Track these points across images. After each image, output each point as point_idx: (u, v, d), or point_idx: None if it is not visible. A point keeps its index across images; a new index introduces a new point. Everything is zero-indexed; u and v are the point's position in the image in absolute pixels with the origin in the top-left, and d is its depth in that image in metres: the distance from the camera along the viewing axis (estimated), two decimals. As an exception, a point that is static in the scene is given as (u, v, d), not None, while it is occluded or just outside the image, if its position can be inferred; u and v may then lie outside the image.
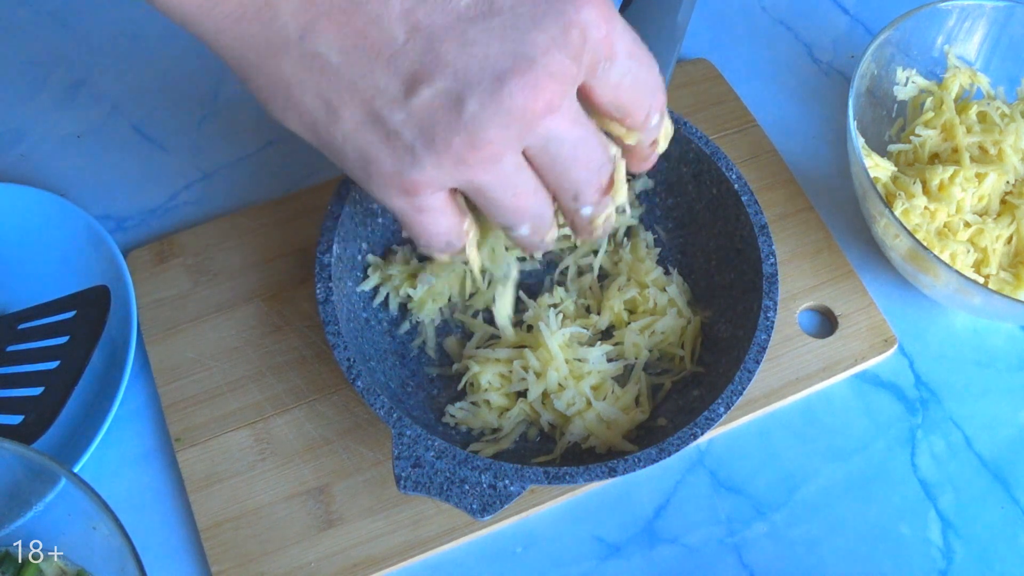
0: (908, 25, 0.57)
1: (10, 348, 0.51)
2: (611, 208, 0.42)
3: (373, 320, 0.52)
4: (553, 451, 0.49)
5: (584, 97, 0.38)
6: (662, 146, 0.43)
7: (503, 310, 0.51)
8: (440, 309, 0.54)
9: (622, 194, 0.42)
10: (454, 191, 0.39)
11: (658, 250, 0.55)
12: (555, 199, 0.40)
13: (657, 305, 0.52)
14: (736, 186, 0.52)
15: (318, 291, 0.48)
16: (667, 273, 0.54)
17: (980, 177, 0.55)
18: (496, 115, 0.34)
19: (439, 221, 0.39)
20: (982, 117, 0.58)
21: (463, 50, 0.33)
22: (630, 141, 0.41)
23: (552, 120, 0.35)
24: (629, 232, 0.56)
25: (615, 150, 0.41)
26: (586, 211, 0.41)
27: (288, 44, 0.33)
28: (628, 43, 0.37)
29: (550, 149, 0.37)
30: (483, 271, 0.49)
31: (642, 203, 0.56)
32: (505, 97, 0.34)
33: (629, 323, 0.52)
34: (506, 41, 0.33)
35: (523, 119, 0.35)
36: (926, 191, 0.55)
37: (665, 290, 0.53)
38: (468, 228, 0.41)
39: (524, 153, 0.37)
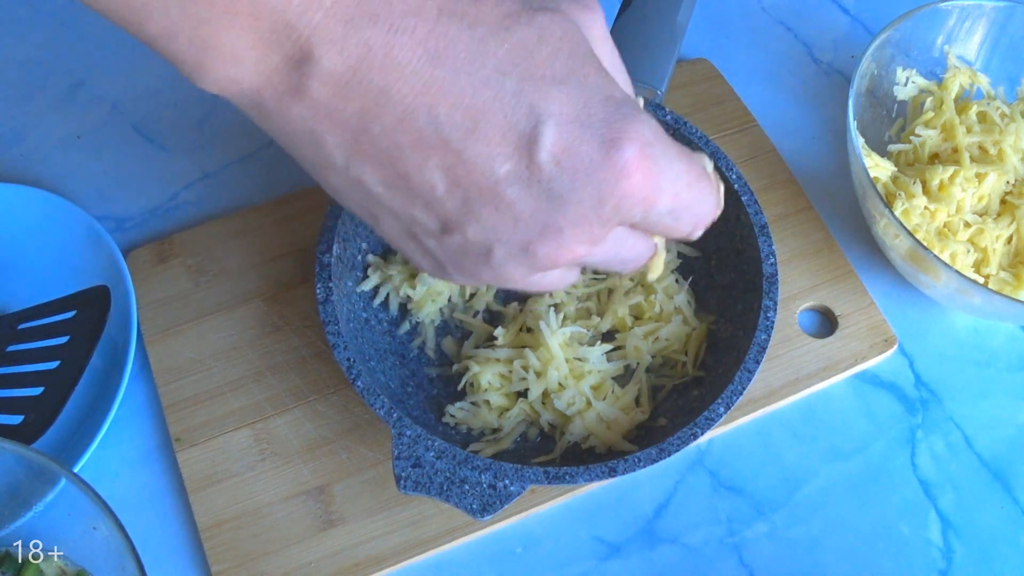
0: (908, 25, 0.57)
1: (10, 348, 0.51)
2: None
3: (373, 320, 0.52)
4: (553, 451, 0.49)
5: None
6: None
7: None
8: (440, 309, 0.54)
9: (656, 271, 0.42)
10: None
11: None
12: None
13: (663, 311, 0.52)
14: (736, 186, 0.52)
15: (318, 291, 0.48)
16: (676, 281, 0.54)
17: (980, 177, 0.55)
18: (521, 265, 0.36)
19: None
20: (982, 117, 0.58)
21: (497, 212, 0.34)
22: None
23: (581, 257, 0.37)
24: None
25: (658, 239, 0.41)
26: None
27: (334, 167, 0.34)
28: (672, 192, 0.36)
29: (580, 262, 0.38)
30: None
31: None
32: (530, 256, 0.36)
33: (632, 328, 0.52)
34: (539, 209, 0.34)
35: (547, 266, 0.37)
36: (926, 191, 0.55)
37: (673, 298, 0.52)
38: None
39: None
